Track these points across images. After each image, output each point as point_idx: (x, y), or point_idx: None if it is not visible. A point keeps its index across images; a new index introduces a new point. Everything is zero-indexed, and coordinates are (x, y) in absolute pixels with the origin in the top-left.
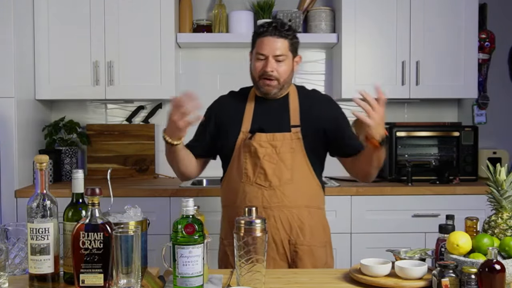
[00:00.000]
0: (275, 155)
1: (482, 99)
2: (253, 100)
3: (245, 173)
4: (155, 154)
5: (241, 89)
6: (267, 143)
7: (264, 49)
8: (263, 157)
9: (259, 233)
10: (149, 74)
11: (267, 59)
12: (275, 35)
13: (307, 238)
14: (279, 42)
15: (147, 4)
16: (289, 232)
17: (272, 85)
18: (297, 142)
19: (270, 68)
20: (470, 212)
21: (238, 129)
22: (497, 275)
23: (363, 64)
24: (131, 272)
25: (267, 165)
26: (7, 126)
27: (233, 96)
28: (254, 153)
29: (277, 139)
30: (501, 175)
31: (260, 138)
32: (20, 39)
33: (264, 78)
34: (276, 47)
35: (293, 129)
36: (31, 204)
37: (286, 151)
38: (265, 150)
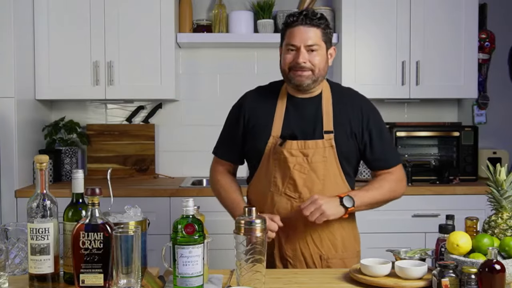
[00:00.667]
0: (306, 165)
1: (482, 99)
2: (284, 99)
3: (274, 182)
4: (155, 154)
5: (270, 84)
6: (298, 151)
7: (295, 40)
8: (293, 167)
9: (259, 233)
10: (149, 74)
11: (299, 50)
12: (307, 24)
13: (339, 251)
14: (311, 32)
15: (147, 4)
16: (320, 246)
17: (305, 75)
18: (330, 150)
19: (302, 59)
20: (470, 212)
21: (268, 133)
22: (497, 275)
23: (363, 64)
24: (131, 272)
25: (298, 175)
26: (7, 126)
27: (262, 93)
28: (284, 162)
29: (309, 147)
30: (501, 175)
31: (291, 146)
32: (20, 39)
33: (296, 69)
34: (308, 37)
35: (326, 135)
36: (31, 204)
37: (318, 160)
38: (295, 159)
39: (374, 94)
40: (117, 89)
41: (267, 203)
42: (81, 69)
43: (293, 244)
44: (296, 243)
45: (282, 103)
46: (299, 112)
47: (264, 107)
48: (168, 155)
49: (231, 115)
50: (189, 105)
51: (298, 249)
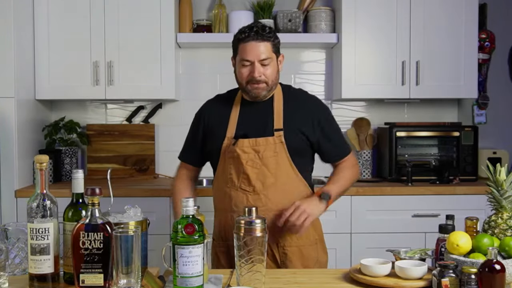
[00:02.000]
0: (258, 160)
1: (482, 99)
2: (239, 104)
3: (230, 178)
4: (155, 154)
5: (228, 92)
6: (250, 148)
7: (248, 55)
8: (246, 163)
9: (259, 233)
10: (149, 74)
11: (253, 65)
12: (258, 40)
13: (295, 238)
14: (262, 46)
15: (147, 4)
16: (278, 234)
17: (261, 87)
18: (280, 146)
19: (257, 74)
20: (470, 212)
21: (223, 134)
22: (497, 275)
23: (363, 64)
24: (131, 272)
25: (250, 170)
26: (7, 126)
27: (219, 100)
28: (237, 158)
29: (260, 144)
30: (501, 175)
31: (242, 144)
32: (20, 39)
33: (252, 83)
34: (261, 51)
35: (276, 132)
36: (31, 204)
37: (270, 156)
38: (247, 155)
39: (374, 94)
40: (117, 89)
41: (226, 199)
42: (81, 69)
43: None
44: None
45: (237, 107)
46: (252, 114)
47: (221, 112)
48: (168, 155)
49: (193, 122)
50: (189, 105)
51: None
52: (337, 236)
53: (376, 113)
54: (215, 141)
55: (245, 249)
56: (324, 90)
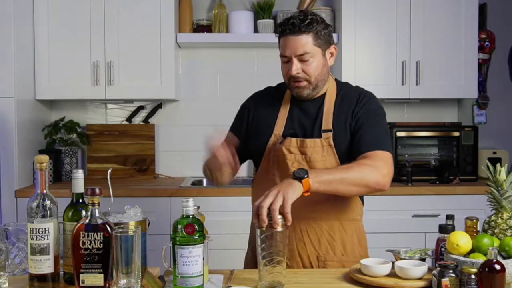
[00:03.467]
0: (304, 163)
1: (482, 99)
2: (289, 100)
3: (272, 179)
4: (155, 154)
5: (279, 85)
6: (296, 149)
7: (285, 51)
8: (291, 164)
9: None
10: (149, 74)
11: (291, 61)
12: (295, 33)
13: (338, 254)
14: (301, 40)
15: (147, 4)
16: (318, 248)
17: (302, 86)
18: (329, 149)
19: (295, 70)
20: (470, 212)
21: (270, 131)
22: (497, 275)
23: (363, 64)
24: (131, 272)
25: None
26: (7, 126)
27: (269, 93)
28: (283, 159)
29: (307, 145)
30: (501, 175)
31: (290, 143)
32: (20, 39)
33: (293, 81)
34: (298, 46)
35: (324, 134)
36: (31, 204)
37: (317, 160)
38: (294, 156)
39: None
40: (117, 89)
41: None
42: (81, 69)
43: (291, 244)
44: (293, 243)
45: (286, 103)
46: (302, 112)
47: (269, 106)
48: (168, 155)
49: (237, 114)
50: (189, 105)
51: (296, 249)
52: None
53: None
54: (260, 137)
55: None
56: None
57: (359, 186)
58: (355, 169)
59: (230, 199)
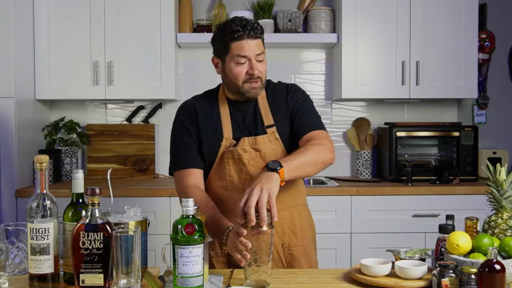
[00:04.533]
0: (259, 159)
1: (482, 99)
2: (225, 104)
3: (230, 180)
4: (155, 154)
5: (205, 93)
6: (250, 147)
7: (245, 51)
8: (248, 163)
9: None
10: (149, 74)
11: (251, 62)
12: (251, 37)
13: (299, 238)
14: (257, 42)
15: (147, 4)
16: (282, 236)
17: (258, 86)
18: (276, 142)
19: (256, 70)
20: (470, 212)
21: (220, 137)
22: (497, 275)
23: (363, 64)
24: (131, 272)
25: (253, 170)
26: (7, 126)
27: (202, 101)
28: (239, 159)
29: (259, 142)
30: (501, 175)
31: (243, 143)
32: (20, 39)
33: (250, 81)
34: (256, 47)
35: (268, 129)
36: (31, 204)
37: (269, 154)
38: (249, 155)
39: (374, 94)
40: (117, 89)
41: (228, 202)
42: (81, 69)
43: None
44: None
45: (224, 107)
46: (241, 113)
47: (209, 113)
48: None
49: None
50: None
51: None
52: (337, 236)
53: (376, 113)
54: (211, 144)
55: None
56: (324, 90)
57: (318, 164)
58: (311, 151)
59: None
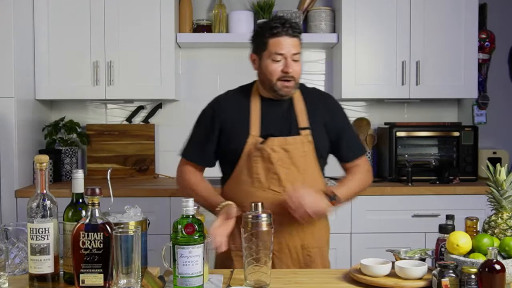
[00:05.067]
0: (288, 160)
1: (482, 99)
2: (257, 101)
3: (257, 178)
4: (155, 154)
5: (240, 88)
6: (279, 147)
7: (282, 49)
8: (276, 162)
9: (265, 227)
10: (149, 74)
11: (286, 60)
12: (290, 35)
13: (317, 240)
14: (295, 41)
15: (147, 4)
16: (303, 237)
17: (291, 86)
18: (308, 145)
19: (291, 69)
20: (470, 212)
21: (246, 133)
22: (497, 275)
23: (363, 64)
24: (131, 272)
25: (281, 170)
26: (7, 126)
27: (234, 96)
28: (267, 158)
29: (289, 143)
30: (501, 175)
31: (272, 142)
32: (20, 39)
33: (284, 79)
34: (293, 46)
35: (303, 131)
36: (31, 204)
37: (299, 155)
38: (277, 155)
39: (374, 94)
40: (117, 89)
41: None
42: (81, 69)
43: (279, 238)
44: (281, 237)
45: (256, 104)
46: (273, 112)
47: (239, 108)
48: (168, 155)
49: (203, 118)
50: (189, 105)
51: (284, 242)
52: (337, 236)
53: (376, 113)
54: (236, 139)
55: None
56: (324, 90)
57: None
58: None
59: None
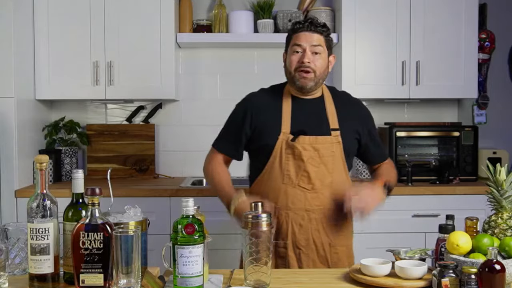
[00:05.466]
0: (317, 158)
1: (482, 99)
2: (289, 99)
3: (287, 175)
4: (155, 154)
5: (272, 87)
6: (310, 146)
7: (301, 40)
8: (307, 160)
9: (265, 227)
10: (149, 74)
11: (304, 52)
12: (311, 30)
13: (344, 238)
14: (316, 35)
15: (147, 4)
16: (330, 235)
17: (309, 77)
18: (337, 146)
19: (307, 59)
20: (470, 212)
21: (278, 130)
22: (497, 275)
23: (363, 64)
24: (131, 272)
25: (311, 168)
26: (7, 126)
27: (266, 94)
28: (298, 155)
29: (320, 142)
30: (501, 175)
31: (303, 140)
32: (20, 39)
33: (301, 70)
34: (313, 39)
35: (333, 132)
36: (31, 204)
37: (328, 155)
38: (308, 153)
39: (374, 94)
40: (117, 89)
41: (281, 195)
42: (81, 69)
43: (306, 234)
44: (309, 233)
45: (287, 102)
46: (304, 111)
47: (270, 106)
48: (168, 155)
49: (236, 113)
50: (189, 105)
51: (311, 238)
52: None
53: (376, 113)
54: (268, 136)
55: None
56: None
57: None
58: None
59: None
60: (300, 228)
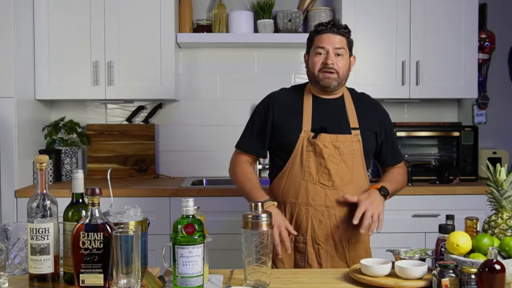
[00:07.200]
0: (338, 156)
1: (482, 99)
2: (310, 98)
3: (308, 171)
4: (155, 154)
5: (293, 87)
6: (330, 144)
7: (324, 43)
8: (327, 157)
9: (265, 227)
10: (149, 74)
11: (328, 53)
12: (334, 32)
13: (362, 236)
14: (338, 38)
15: (147, 4)
16: (350, 232)
17: (332, 77)
18: (357, 144)
19: (331, 61)
20: (470, 212)
21: (299, 128)
22: (497, 275)
23: (363, 64)
24: (131, 272)
25: (331, 165)
26: (7, 126)
27: (287, 93)
28: (319, 153)
29: (340, 140)
30: (501, 175)
31: (324, 138)
32: (20, 39)
33: (325, 71)
34: (336, 41)
35: (353, 131)
36: (31, 204)
37: (348, 153)
38: (329, 150)
39: (374, 94)
40: (117, 89)
41: (301, 191)
42: (81, 69)
43: (326, 230)
44: (328, 229)
45: (308, 101)
46: (325, 110)
47: (292, 104)
48: (168, 155)
49: (258, 112)
50: (189, 105)
51: (330, 234)
52: None
53: None
54: (289, 134)
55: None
56: None
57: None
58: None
59: (230, 199)
60: (319, 224)
